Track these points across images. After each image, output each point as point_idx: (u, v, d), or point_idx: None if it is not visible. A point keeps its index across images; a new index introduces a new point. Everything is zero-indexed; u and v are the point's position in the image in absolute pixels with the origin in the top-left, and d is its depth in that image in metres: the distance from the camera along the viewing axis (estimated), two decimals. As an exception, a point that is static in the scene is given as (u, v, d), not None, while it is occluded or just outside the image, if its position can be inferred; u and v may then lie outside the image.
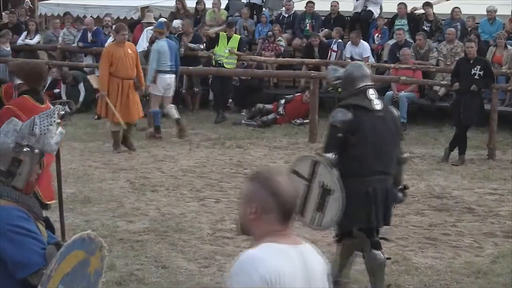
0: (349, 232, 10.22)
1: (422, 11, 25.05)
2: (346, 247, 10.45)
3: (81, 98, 24.13)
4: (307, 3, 26.38)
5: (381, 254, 10.26)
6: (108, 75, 17.56)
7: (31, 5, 31.98)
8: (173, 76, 21.10)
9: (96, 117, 23.04)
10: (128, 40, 23.26)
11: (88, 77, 21.16)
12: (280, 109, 22.76)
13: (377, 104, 10.12)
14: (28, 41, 26.60)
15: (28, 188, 5.94)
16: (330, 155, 9.90)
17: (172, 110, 20.61)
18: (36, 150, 5.86)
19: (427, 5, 24.92)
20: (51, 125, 5.96)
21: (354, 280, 10.93)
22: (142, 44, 23.32)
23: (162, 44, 20.84)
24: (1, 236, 5.55)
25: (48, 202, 10.25)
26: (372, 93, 10.17)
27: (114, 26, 19.49)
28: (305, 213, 10.07)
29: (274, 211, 4.57)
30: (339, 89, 23.79)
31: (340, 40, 24.42)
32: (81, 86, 24.48)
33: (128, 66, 17.74)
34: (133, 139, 18.58)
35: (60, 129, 6.01)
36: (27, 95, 10.46)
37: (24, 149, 5.82)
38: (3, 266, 5.56)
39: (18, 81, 11.58)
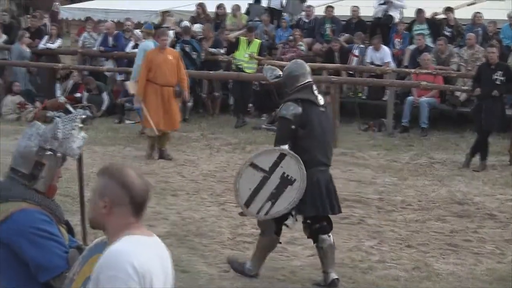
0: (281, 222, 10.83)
1: (443, 16, 25.01)
2: (270, 239, 10.99)
3: (103, 107, 24.17)
4: (326, 7, 26.45)
5: (329, 238, 10.83)
6: (146, 82, 17.32)
7: (56, 9, 32.01)
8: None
9: (117, 121, 23.13)
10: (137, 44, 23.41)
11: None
12: (300, 114, 22.72)
13: (321, 99, 10.92)
14: (49, 45, 26.64)
15: (51, 192, 5.93)
16: (286, 147, 10.47)
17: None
18: (59, 154, 5.88)
19: (448, 10, 24.91)
20: (73, 129, 5.95)
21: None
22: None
23: (148, 44, 21.05)
24: (24, 239, 5.54)
25: None
26: (315, 90, 10.94)
27: (158, 34, 19.24)
28: (250, 204, 10.59)
29: (127, 204, 4.65)
30: (360, 94, 23.98)
31: (362, 45, 24.40)
32: (105, 95, 24.52)
33: (167, 73, 17.42)
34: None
35: (82, 133, 6.01)
36: None
37: (47, 153, 5.82)
38: (26, 269, 5.54)
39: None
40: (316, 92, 10.90)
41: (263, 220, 10.89)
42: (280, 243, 11.25)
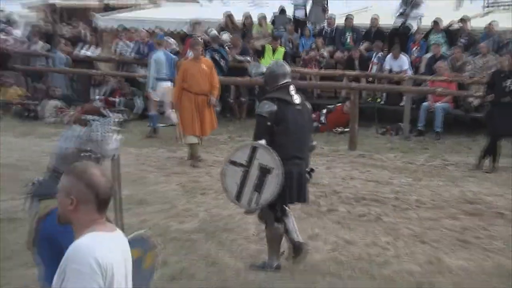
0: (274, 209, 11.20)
1: (458, 25, 25.11)
2: (276, 231, 11.34)
3: (135, 110, 24.40)
4: (346, 17, 26.63)
5: (281, 229, 11.30)
6: (181, 90, 17.36)
7: (93, 19, 32.24)
8: (169, 83, 21.53)
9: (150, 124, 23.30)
10: (178, 52, 23.55)
11: (149, 90, 21.38)
12: (322, 118, 22.89)
13: (296, 99, 11.08)
14: (87, 52, 26.87)
15: None
16: (263, 142, 10.75)
17: (172, 114, 20.83)
18: (95, 155, 6.07)
19: (463, 20, 25.03)
20: (109, 132, 6.13)
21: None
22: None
23: (159, 54, 22.00)
24: (65, 234, 5.42)
25: None
26: (292, 89, 11.10)
27: (192, 45, 19.33)
28: (241, 198, 10.91)
29: (92, 202, 4.88)
30: (378, 100, 24.08)
31: (381, 53, 24.53)
32: (137, 100, 24.76)
33: (201, 82, 17.41)
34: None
35: (117, 136, 6.23)
36: None
37: (84, 154, 6.02)
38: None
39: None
40: (292, 92, 11.13)
41: (256, 210, 11.27)
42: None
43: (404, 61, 23.91)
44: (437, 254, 12.33)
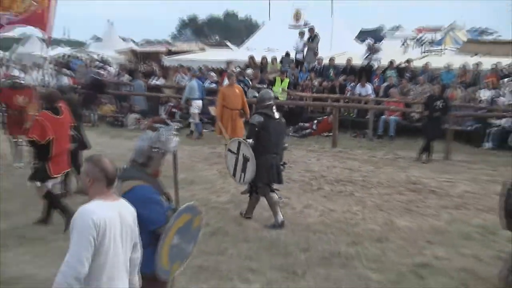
0: (257, 186, 11.82)
1: (405, 64, 25.09)
2: (254, 198, 12.06)
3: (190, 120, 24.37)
4: (330, 58, 26.60)
5: (276, 196, 11.83)
6: (222, 107, 17.26)
7: (161, 59, 32.27)
8: (200, 101, 22.79)
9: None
10: (217, 81, 23.52)
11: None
12: (314, 126, 22.84)
13: (276, 114, 11.78)
14: (157, 82, 26.80)
15: (156, 174, 6.23)
16: (250, 140, 11.54)
17: (200, 126, 22.51)
18: (161, 151, 6.15)
19: (408, 61, 25.14)
20: (171, 135, 6.18)
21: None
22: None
23: (193, 82, 23.16)
24: (140, 203, 5.72)
25: (55, 176, 11.19)
26: (274, 108, 11.83)
27: (228, 76, 19.50)
28: (236, 174, 11.74)
29: (102, 180, 5.20)
30: (351, 114, 23.95)
31: (353, 83, 24.46)
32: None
33: (235, 101, 17.32)
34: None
35: (176, 138, 6.24)
36: (48, 111, 11.26)
37: (154, 150, 6.12)
38: (141, 223, 5.68)
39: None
40: (274, 110, 11.83)
41: (259, 188, 11.82)
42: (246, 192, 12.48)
43: (368, 88, 23.87)
44: (390, 218, 12.35)
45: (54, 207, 11.46)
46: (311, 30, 27.89)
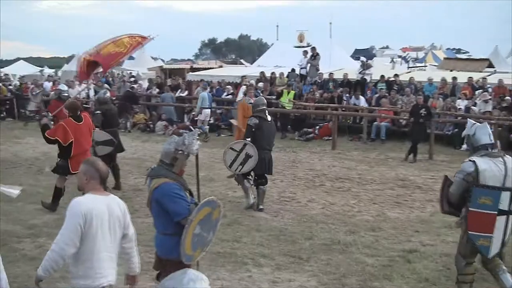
0: (247, 175, 12.37)
1: (393, 78, 24.96)
2: (245, 187, 12.37)
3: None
4: (329, 73, 26.48)
5: (264, 187, 12.32)
6: (242, 118, 16.38)
7: (186, 75, 32.34)
8: (209, 110, 23.59)
9: (217, 135, 23.14)
10: (233, 93, 23.41)
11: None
12: (316, 131, 22.71)
13: (269, 117, 12.36)
14: (182, 94, 26.74)
15: (181, 173, 6.19)
16: (249, 140, 11.95)
17: (204, 127, 22.66)
18: (185, 153, 6.10)
19: (396, 75, 25.00)
20: (194, 139, 6.13)
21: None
22: (240, 95, 23.49)
23: (204, 94, 23.68)
24: (167, 198, 5.90)
25: (74, 172, 11.06)
26: (266, 112, 12.38)
27: (246, 91, 19.66)
28: (232, 166, 12.10)
29: (97, 178, 5.35)
30: (348, 121, 23.79)
31: (348, 94, 24.33)
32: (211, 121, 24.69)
33: None
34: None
35: (198, 141, 6.18)
36: (71, 118, 11.75)
37: (179, 152, 6.09)
38: (167, 216, 5.89)
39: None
40: (266, 112, 12.39)
41: (237, 176, 12.40)
42: (252, 185, 12.46)
43: (362, 100, 23.74)
44: (382, 210, 12.27)
45: (56, 196, 11.95)
46: (313, 49, 27.87)
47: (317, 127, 23.06)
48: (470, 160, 7.26)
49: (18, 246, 9.46)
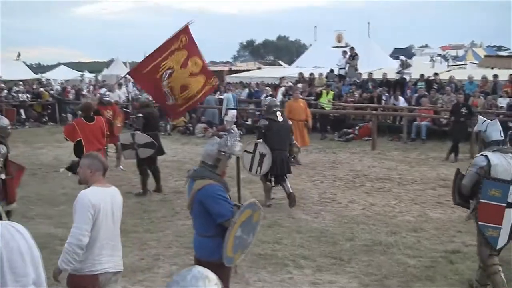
0: (267, 176, 12.61)
1: (433, 77, 24.75)
2: (267, 186, 12.73)
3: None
4: (369, 73, 26.36)
5: (286, 183, 12.55)
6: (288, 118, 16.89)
7: (225, 77, 32.57)
8: (235, 111, 24.38)
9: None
10: (272, 94, 23.37)
11: None
12: (356, 132, 22.61)
13: (280, 118, 12.57)
14: (220, 97, 26.81)
15: (223, 174, 6.23)
16: (261, 140, 12.36)
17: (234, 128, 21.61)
18: (228, 154, 6.11)
19: (436, 74, 24.77)
20: (236, 140, 6.21)
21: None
22: (279, 97, 23.53)
23: (229, 95, 24.79)
24: (210, 200, 5.92)
25: None
26: (278, 113, 12.65)
27: (292, 91, 19.74)
28: (252, 169, 12.40)
29: (101, 170, 5.62)
30: (388, 121, 23.64)
31: (387, 94, 24.17)
32: (249, 122, 24.72)
33: (300, 112, 17.37)
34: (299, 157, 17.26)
35: (240, 143, 6.23)
36: (82, 118, 12.46)
37: (222, 153, 6.09)
38: (210, 217, 5.93)
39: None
40: (278, 114, 12.61)
41: (260, 176, 12.73)
42: (273, 185, 12.78)
43: (401, 100, 23.56)
44: (424, 210, 12.13)
45: None
46: (352, 49, 27.90)
47: (357, 127, 22.96)
48: (482, 155, 7.56)
49: (61, 249, 9.54)
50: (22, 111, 28.97)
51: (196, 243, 6.23)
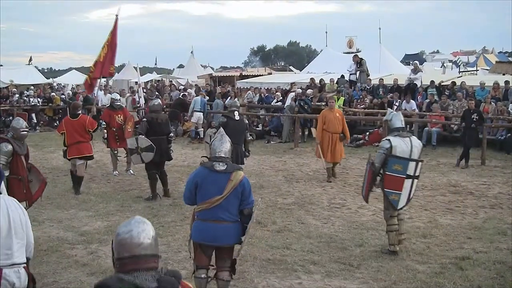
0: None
1: (444, 83, 24.71)
2: None
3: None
4: (379, 79, 26.34)
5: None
6: (322, 130, 15.97)
7: (236, 82, 32.65)
8: (201, 113, 24.39)
9: (266, 142, 23.21)
10: (282, 100, 23.35)
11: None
12: (366, 137, 22.55)
13: (237, 117, 13.53)
14: (231, 101, 26.78)
15: None
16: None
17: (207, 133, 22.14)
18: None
19: (447, 80, 24.59)
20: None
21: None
22: (288, 101, 23.54)
23: (198, 98, 25.10)
24: (249, 188, 7.02)
25: (68, 158, 14.50)
26: (236, 112, 13.59)
27: (326, 98, 19.36)
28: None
29: None
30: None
31: (399, 100, 24.10)
32: (259, 127, 24.67)
33: (335, 124, 15.90)
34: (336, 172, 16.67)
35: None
36: (69, 115, 14.81)
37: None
38: (239, 204, 6.95)
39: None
40: (236, 113, 13.57)
41: None
42: None
43: (413, 104, 23.43)
44: (434, 216, 12.07)
45: (73, 180, 14.44)
46: (355, 57, 28.01)
47: (367, 133, 22.90)
48: (386, 139, 9.62)
49: (71, 253, 9.61)
50: (33, 115, 29.11)
51: (225, 231, 6.91)
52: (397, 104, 23.99)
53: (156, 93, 28.04)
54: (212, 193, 6.87)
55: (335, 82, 27.35)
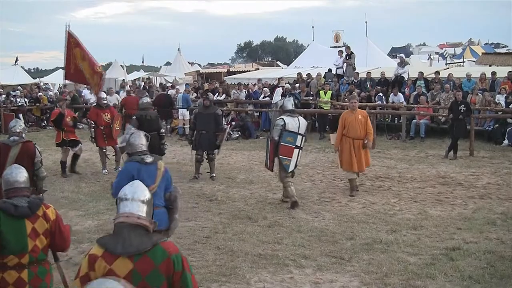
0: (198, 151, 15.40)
1: (432, 75, 24.74)
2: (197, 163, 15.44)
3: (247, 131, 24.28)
4: (367, 72, 26.42)
5: (214, 165, 15.50)
6: (342, 135, 13.58)
7: (223, 79, 32.59)
8: (185, 110, 24.96)
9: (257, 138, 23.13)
10: (270, 95, 23.32)
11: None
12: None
13: (208, 108, 15.25)
14: (219, 98, 26.73)
15: None
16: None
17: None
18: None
19: (436, 73, 24.57)
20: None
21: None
22: (276, 98, 23.52)
23: (179, 95, 25.92)
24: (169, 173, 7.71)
25: (57, 142, 16.80)
26: (207, 104, 15.36)
27: (347, 98, 18.58)
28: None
29: None
30: (386, 119, 23.60)
31: (385, 93, 24.13)
32: (248, 124, 24.60)
33: (357, 129, 13.36)
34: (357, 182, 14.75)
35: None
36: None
37: None
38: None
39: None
40: (207, 105, 15.30)
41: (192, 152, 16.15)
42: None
43: (400, 96, 23.46)
44: (424, 208, 12.11)
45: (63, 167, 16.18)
46: (347, 48, 27.81)
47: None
48: (280, 118, 12.39)
49: (62, 253, 9.57)
50: (20, 115, 28.92)
51: (159, 216, 6.99)
52: (383, 96, 24.07)
53: (146, 93, 27.99)
54: (148, 183, 6.92)
55: (322, 76, 27.36)
